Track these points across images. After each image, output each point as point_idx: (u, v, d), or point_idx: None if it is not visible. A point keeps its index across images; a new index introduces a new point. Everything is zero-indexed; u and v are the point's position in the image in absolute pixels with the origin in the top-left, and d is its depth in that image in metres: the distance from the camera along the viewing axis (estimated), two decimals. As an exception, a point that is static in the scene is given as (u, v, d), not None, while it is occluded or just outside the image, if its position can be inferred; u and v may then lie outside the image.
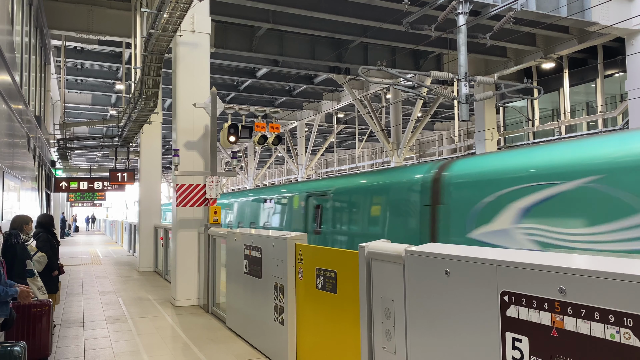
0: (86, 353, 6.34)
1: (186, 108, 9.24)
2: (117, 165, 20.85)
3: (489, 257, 2.82)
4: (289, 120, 30.14)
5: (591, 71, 17.50)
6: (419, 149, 33.06)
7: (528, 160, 5.69)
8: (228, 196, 17.36)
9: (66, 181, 19.86)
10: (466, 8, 10.20)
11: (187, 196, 9.24)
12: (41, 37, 13.24)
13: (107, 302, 9.79)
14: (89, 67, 20.30)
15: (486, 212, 5.87)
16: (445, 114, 29.51)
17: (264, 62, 17.74)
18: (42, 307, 5.61)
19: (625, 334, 2.12)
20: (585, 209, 4.87)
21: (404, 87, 15.88)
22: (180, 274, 9.22)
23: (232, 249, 7.23)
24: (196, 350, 6.34)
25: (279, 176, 49.52)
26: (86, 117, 28.23)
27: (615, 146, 4.93)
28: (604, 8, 12.42)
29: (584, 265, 2.38)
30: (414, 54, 17.90)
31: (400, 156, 21.58)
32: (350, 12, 13.60)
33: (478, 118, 19.40)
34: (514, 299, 2.62)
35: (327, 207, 9.62)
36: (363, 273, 3.94)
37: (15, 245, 5.59)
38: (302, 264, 5.20)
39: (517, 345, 2.60)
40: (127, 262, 17.28)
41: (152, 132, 15.49)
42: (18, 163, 7.93)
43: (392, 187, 7.70)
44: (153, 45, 8.77)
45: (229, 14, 13.58)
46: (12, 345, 4.10)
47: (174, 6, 7.30)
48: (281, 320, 5.51)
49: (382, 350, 3.68)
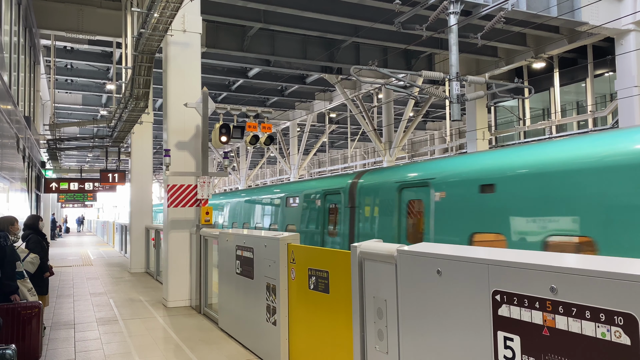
0: (77, 355, 6.29)
1: (177, 108, 9.20)
2: (108, 165, 20.72)
3: (481, 256, 2.82)
4: (281, 120, 30.11)
5: (581, 71, 17.64)
6: (411, 148, 33.16)
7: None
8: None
9: (56, 182, 19.71)
10: (457, 8, 10.24)
11: (178, 197, 9.19)
12: (30, 36, 13.13)
13: (98, 303, 9.72)
14: (79, 67, 20.15)
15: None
16: (437, 114, 29.62)
17: (255, 61, 17.70)
18: (32, 310, 5.55)
19: (616, 332, 2.13)
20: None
21: (396, 86, 15.92)
22: (172, 274, 9.18)
23: (224, 249, 7.21)
24: (188, 351, 6.31)
25: (272, 176, 49.45)
26: (76, 118, 28.03)
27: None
28: (593, 8, 12.52)
29: (575, 264, 2.39)
30: (405, 53, 17.94)
31: (392, 156, 21.62)
32: (341, 11, 13.61)
33: (469, 117, 19.49)
34: (505, 298, 2.63)
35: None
36: (355, 273, 3.93)
37: (4, 247, 5.52)
38: (294, 264, 5.19)
39: (509, 344, 2.61)
40: (118, 263, 17.17)
41: (143, 132, 15.40)
42: (7, 164, 7.85)
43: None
44: (144, 45, 8.72)
45: (220, 13, 13.54)
46: (3, 349, 4.05)
47: (164, 6, 7.26)
48: (273, 320, 5.49)
49: (374, 350, 3.68)
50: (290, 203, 11.57)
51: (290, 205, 11.55)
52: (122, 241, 20.36)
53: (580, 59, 17.65)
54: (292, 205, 11.45)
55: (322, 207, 10.01)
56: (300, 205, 10.99)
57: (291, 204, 11.49)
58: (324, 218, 9.93)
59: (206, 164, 9.21)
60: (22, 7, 10.76)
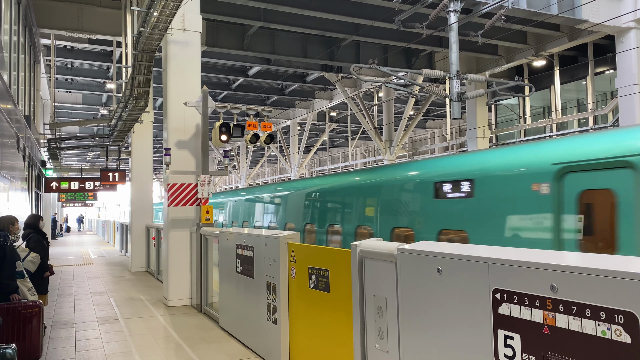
0: (77, 354, 6.29)
1: (177, 107, 9.19)
2: (108, 164, 20.71)
3: (481, 255, 2.82)
4: (282, 119, 30.07)
5: (582, 69, 17.61)
6: (411, 147, 33.12)
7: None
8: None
9: (57, 181, 19.72)
10: (457, 6, 10.21)
11: (178, 195, 9.19)
12: (30, 35, 13.12)
13: (99, 302, 9.72)
14: (79, 66, 20.13)
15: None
16: (437, 112, 29.59)
17: (255, 60, 17.67)
18: (33, 309, 5.56)
19: (617, 330, 2.12)
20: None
21: (396, 85, 15.88)
22: (173, 274, 9.18)
23: (225, 248, 7.20)
24: (189, 350, 6.31)
25: (272, 175, 49.42)
26: (77, 117, 28.00)
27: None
28: (594, 6, 12.48)
29: (576, 262, 2.38)
30: (405, 52, 17.92)
31: (393, 154, 21.61)
32: (341, 10, 13.59)
33: (470, 116, 19.46)
34: (505, 297, 2.62)
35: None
36: (355, 272, 3.93)
37: (4, 246, 5.52)
38: (294, 263, 5.19)
39: (509, 343, 2.60)
40: (119, 263, 17.18)
41: (144, 131, 15.39)
42: (7, 163, 7.85)
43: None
44: (143, 44, 8.71)
45: (220, 12, 13.52)
46: (4, 348, 4.05)
47: (164, 4, 7.25)
48: (274, 319, 5.49)
49: (374, 348, 3.68)
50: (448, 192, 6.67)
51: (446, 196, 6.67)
52: (123, 240, 20.37)
53: (580, 56, 17.62)
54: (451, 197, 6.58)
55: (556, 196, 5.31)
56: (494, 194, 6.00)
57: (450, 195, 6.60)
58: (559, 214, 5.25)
59: (206, 163, 9.21)
60: (22, 6, 10.75)
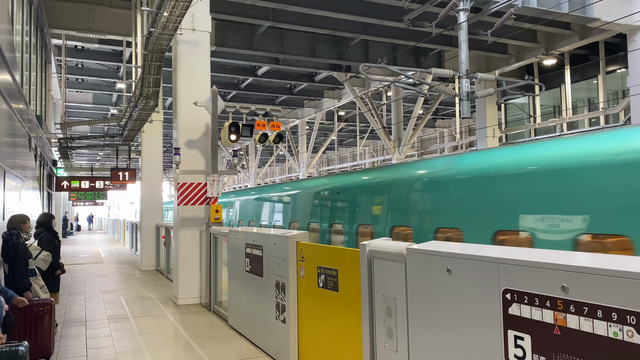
0: (88, 352, 6.35)
1: (187, 107, 9.23)
2: (118, 164, 20.85)
3: (491, 255, 2.81)
4: (290, 119, 30.09)
5: (593, 67, 17.45)
6: (421, 146, 33.02)
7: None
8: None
9: (68, 180, 19.87)
10: (467, 5, 10.16)
11: (188, 195, 9.24)
12: (41, 36, 13.23)
13: (109, 301, 9.80)
14: (90, 66, 20.28)
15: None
16: (447, 111, 29.44)
17: (264, 60, 17.70)
18: (44, 307, 5.61)
19: (629, 331, 2.11)
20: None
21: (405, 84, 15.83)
22: (182, 272, 9.22)
23: (234, 247, 7.23)
24: (198, 349, 6.34)
25: (280, 174, 49.49)
26: (87, 116, 28.21)
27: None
28: (605, 4, 12.37)
29: (587, 262, 2.37)
30: (414, 51, 17.86)
31: (402, 154, 21.55)
32: (350, 9, 13.58)
33: (479, 115, 19.36)
34: (516, 297, 2.61)
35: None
36: (364, 271, 3.93)
37: (16, 245, 5.58)
38: (303, 262, 5.19)
39: (520, 344, 2.59)
40: (129, 261, 17.29)
41: (153, 130, 15.48)
42: (19, 162, 7.92)
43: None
44: (153, 44, 8.75)
45: (229, 12, 13.56)
46: (16, 345, 4.09)
47: (174, 5, 7.28)
48: (283, 318, 5.50)
49: (384, 348, 3.68)
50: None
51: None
52: (133, 239, 20.50)
53: (591, 55, 17.45)
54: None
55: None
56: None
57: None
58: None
59: (216, 162, 9.25)
60: (33, 7, 10.84)
